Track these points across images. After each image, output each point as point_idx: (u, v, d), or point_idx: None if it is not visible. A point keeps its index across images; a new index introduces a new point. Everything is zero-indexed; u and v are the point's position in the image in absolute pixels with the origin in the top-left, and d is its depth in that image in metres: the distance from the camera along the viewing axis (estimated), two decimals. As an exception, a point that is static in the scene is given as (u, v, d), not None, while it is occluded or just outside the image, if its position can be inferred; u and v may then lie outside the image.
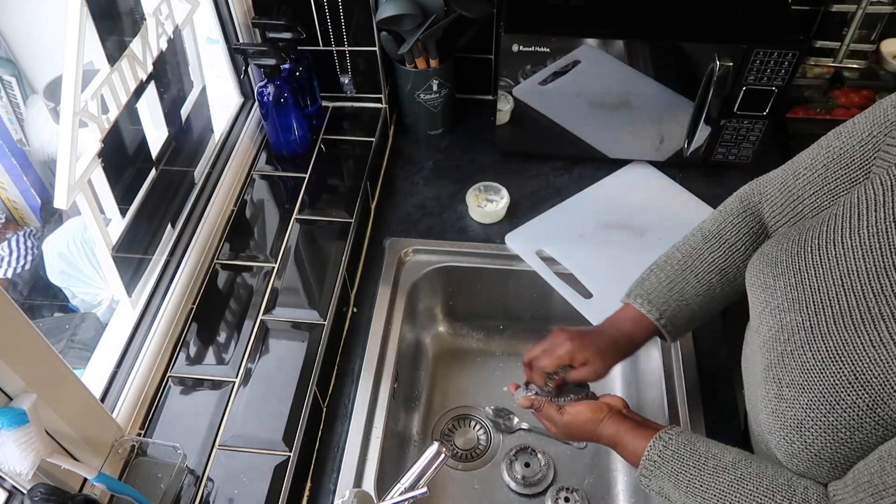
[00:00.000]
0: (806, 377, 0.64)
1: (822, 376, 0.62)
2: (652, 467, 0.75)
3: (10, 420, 0.66)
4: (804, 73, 1.39)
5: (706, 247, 0.87)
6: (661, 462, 0.74)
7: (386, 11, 1.22)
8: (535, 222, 1.27)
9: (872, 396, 0.59)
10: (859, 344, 0.61)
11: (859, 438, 0.60)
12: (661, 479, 0.74)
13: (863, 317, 0.61)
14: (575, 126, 1.31)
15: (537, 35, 1.17)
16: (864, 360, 0.60)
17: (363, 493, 0.90)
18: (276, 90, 1.22)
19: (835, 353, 0.62)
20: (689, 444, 0.74)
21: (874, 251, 0.62)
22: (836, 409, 0.61)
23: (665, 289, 0.88)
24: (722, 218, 0.88)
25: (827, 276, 0.66)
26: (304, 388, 0.97)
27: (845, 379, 0.60)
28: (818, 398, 0.62)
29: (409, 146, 1.46)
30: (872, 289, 0.61)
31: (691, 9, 1.20)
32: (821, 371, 0.63)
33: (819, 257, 0.67)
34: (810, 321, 0.65)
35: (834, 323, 0.63)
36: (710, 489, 0.70)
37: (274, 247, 1.16)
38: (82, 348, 1.49)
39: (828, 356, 0.62)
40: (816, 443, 0.63)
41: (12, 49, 1.75)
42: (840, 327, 0.63)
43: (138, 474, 0.87)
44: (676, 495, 0.73)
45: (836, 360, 0.62)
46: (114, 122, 0.92)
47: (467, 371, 1.32)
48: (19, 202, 1.82)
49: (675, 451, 0.74)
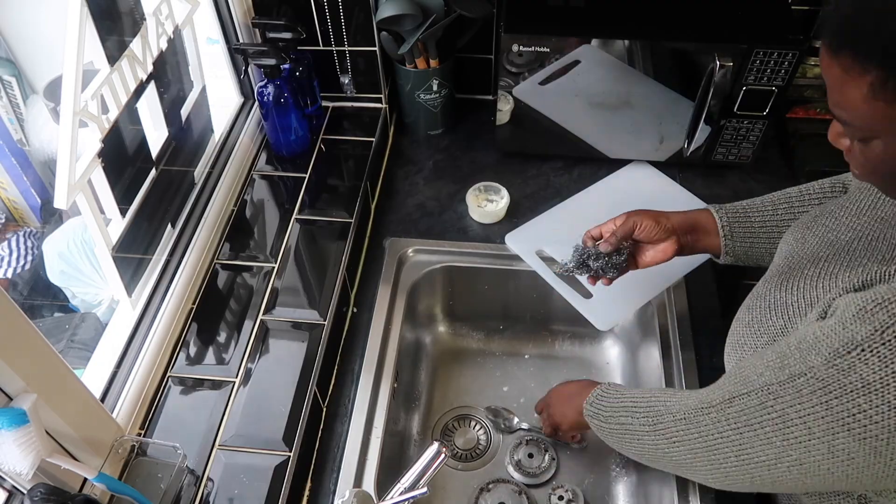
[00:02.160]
0: (753, 301, 0.81)
1: (762, 300, 0.79)
2: (590, 409, 0.93)
3: (10, 420, 0.66)
4: (804, 73, 1.39)
5: (789, 190, 0.96)
6: (596, 401, 0.92)
7: (386, 11, 1.22)
8: (535, 222, 1.27)
9: (786, 319, 0.73)
10: (798, 277, 0.75)
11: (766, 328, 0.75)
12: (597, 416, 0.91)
13: (818, 262, 0.75)
14: (575, 126, 1.31)
15: (537, 35, 1.17)
16: (794, 289, 0.75)
17: (363, 493, 0.90)
18: (276, 90, 1.22)
19: (779, 285, 0.77)
20: (614, 387, 0.92)
21: (851, 215, 0.77)
22: (761, 329, 0.76)
23: (738, 205, 0.97)
24: (818, 181, 0.95)
25: (817, 233, 0.80)
26: (304, 388, 0.97)
27: (775, 304, 0.76)
28: (755, 319, 0.78)
29: (409, 146, 1.46)
30: (839, 241, 0.76)
31: (691, 9, 1.20)
32: (763, 296, 0.79)
33: (824, 221, 0.80)
34: (784, 264, 0.81)
35: (797, 266, 0.78)
36: None
37: (274, 247, 1.16)
38: (82, 348, 1.49)
39: (774, 286, 0.78)
40: (744, 359, 0.76)
41: (12, 49, 1.75)
42: (795, 268, 0.78)
43: (138, 474, 0.87)
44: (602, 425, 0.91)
45: (778, 289, 0.77)
46: (114, 122, 0.92)
47: (467, 371, 1.32)
48: (19, 202, 1.82)
49: (605, 391, 0.92)
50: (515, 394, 1.28)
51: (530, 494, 1.13)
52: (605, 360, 1.31)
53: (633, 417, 0.84)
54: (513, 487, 1.13)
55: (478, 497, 1.13)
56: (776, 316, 0.75)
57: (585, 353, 1.33)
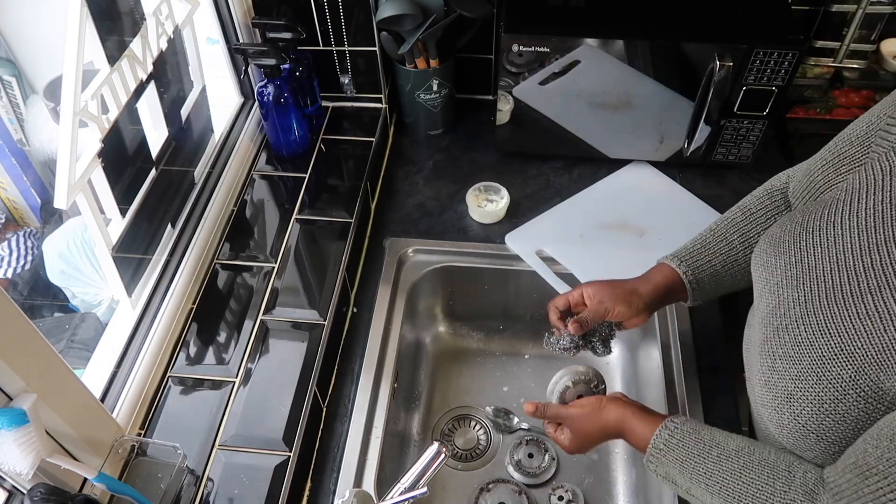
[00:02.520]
0: (797, 350, 0.66)
1: (812, 349, 0.65)
2: (658, 454, 0.77)
3: (10, 420, 0.66)
4: (804, 73, 1.39)
5: (730, 215, 0.94)
6: (667, 450, 0.77)
7: (386, 11, 1.22)
8: (535, 222, 1.27)
9: (855, 367, 0.61)
10: (846, 317, 0.63)
11: (842, 410, 0.62)
12: (667, 466, 0.77)
13: (852, 291, 0.63)
14: (575, 126, 1.31)
15: (537, 35, 1.17)
16: (849, 332, 0.62)
17: (363, 493, 0.90)
18: (276, 90, 1.22)
19: (824, 326, 0.64)
20: (693, 433, 0.76)
21: (869, 230, 0.64)
22: (822, 381, 0.63)
23: (692, 247, 0.94)
24: (751, 195, 0.94)
25: (824, 255, 0.68)
26: (304, 388, 0.97)
27: (832, 351, 0.63)
28: (807, 369, 0.65)
29: (409, 146, 1.46)
30: (864, 264, 0.63)
31: (691, 9, 1.20)
32: (811, 344, 0.65)
33: (818, 237, 0.69)
34: (805, 297, 0.68)
35: (826, 298, 0.66)
36: (713, 476, 0.72)
37: (274, 247, 1.16)
38: (82, 348, 1.49)
39: (818, 329, 0.65)
40: (804, 413, 0.65)
41: (12, 49, 1.75)
42: (831, 302, 0.65)
43: (138, 474, 0.87)
44: (682, 481, 0.75)
45: (825, 333, 0.64)
46: (114, 122, 0.92)
47: (467, 371, 1.32)
48: (19, 202, 1.82)
49: (681, 440, 0.76)
50: (515, 394, 1.28)
51: (530, 494, 1.13)
52: (605, 360, 1.31)
53: None
54: (513, 487, 1.13)
55: (478, 497, 1.13)
56: (841, 365, 0.62)
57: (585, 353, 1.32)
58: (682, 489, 0.76)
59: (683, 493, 0.77)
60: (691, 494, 0.76)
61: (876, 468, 0.56)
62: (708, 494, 0.73)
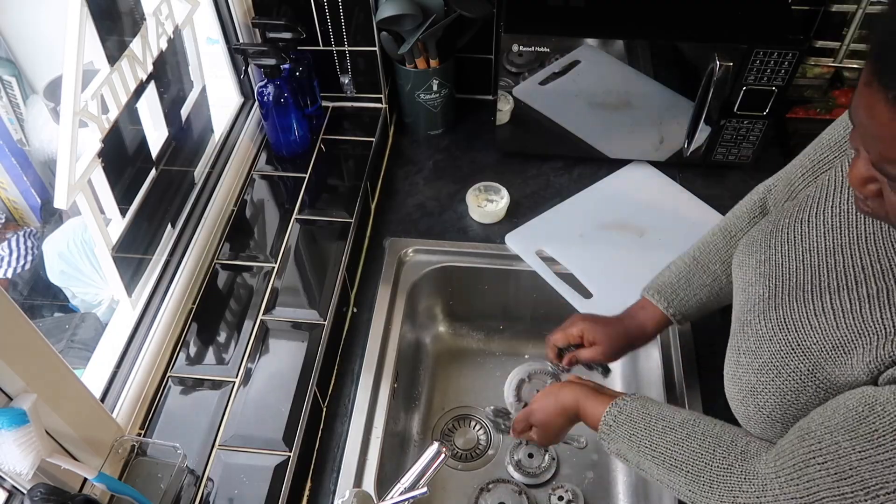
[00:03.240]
0: (759, 344, 0.69)
1: (772, 343, 0.67)
2: (609, 431, 0.79)
3: (10, 420, 0.66)
4: (804, 73, 1.39)
5: (713, 240, 0.93)
6: (616, 426, 0.79)
7: (386, 11, 1.22)
8: (535, 222, 1.27)
9: (812, 362, 0.63)
10: (804, 314, 0.65)
11: (804, 401, 0.64)
12: (618, 442, 0.79)
13: (813, 289, 0.66)
14: (575, 126, 1.31)
15: (537, 35, 1.17)
16: (806, 328, 0.64)
17: (363, 493, 0.90)
18: (276, 90, 1.22)
19: (784, 322, 0.67)
20: (641, 408, 0.79)
21: (835, 231, 0.66)
22: (781, 374, 0.65)
23: (676, 282, 0.94)
24: (732, 212, 0.94)
25: (791, 253, 0.70)
26: (304, 388, 0.97)
27: (789, 346, 0.65)
28: (767, 363, 0.67)
29: (409, 146, 1.46)
30: (828, 265, 0.66)
31: (691, 9, 1.20)
32: (770, 339, 0.67)
33: (787, 235, 0.71)
34: (770, 293, 0.70)
35: (788, 295, 0.68)
36: (658, 448, 0.74)
37: (274, 247, 1.16)
38: (82, 348, 1.49)
39: (777, 325, 0.67)
40: (767, 405, 0.67)
41: (12, 49, 1.75)
42: (792, 299, 0.67)
43: (138, 474, 0.87)
44: (631, 455, 0.77)
45: (784, 328, 0.66)
46: (114, 122, 0.92)
47: (467, 371, 1.32)
48: (19, 202, 1.82)
49: (629, 416, 0.78)
50: (515, 394, 1.28)
51: (530, 494, 1.13)
52: (605, 360, 1.32)
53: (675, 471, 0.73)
54: (513, 487, 1.13)
55: (478, 497, 1.13)
56: (799, 359, 0.64)
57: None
58: (633, 464, 0.78)
59: (635, 468, 0.78)
60: (641, 469, 0.77)
61: (815, 433, 0.60)
62: (654, 466, 0.75)
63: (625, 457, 0.79)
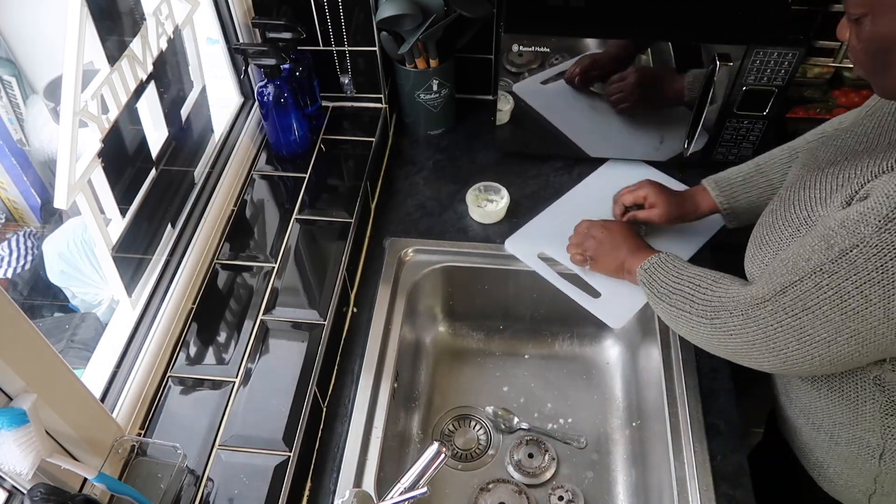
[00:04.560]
0: (776, 204, 0.87)
1: (784, 201, 0.85)
2: (644, 275, 0.99)
3: (10, 420, 0.66)
4: (804, 73, 1.39)
5: (778, 153, 1.06)
6: (651, 270, 0.98)
7: (386, 11, 1.22)
8: (533, 224, 1.27)
9: (807, 213, 0.79)
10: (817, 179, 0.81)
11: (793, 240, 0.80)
12: (648, 279, 0.97)
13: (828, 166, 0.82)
14: (575, 126, 1.31)
15: (537, 35, 1.17)
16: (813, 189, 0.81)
17: (363, 493, 0.90)
18: (276, 90, 1.22)
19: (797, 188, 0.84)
20: (670, 262, 0.96)
21: (864, 122, 0.83)
22: (788, 222, 0.82)
23: (734, 179, 1.09)
24: (802, 136, 1.04)
25: (823, 153, 0.86)
26: (304, 388, 0.97)
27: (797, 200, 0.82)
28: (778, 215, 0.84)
29: (409, 146, 1.46)
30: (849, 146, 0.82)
31: (691, 9, 1.20)
32: (785, 198, 0.85)
33: (831, 141, 0.86)
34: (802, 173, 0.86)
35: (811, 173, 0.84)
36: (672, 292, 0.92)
37: (274, 247, 1.16)
38: (82, 348, 1.49)
39: (796, 189, 0.84)
40: (770, 252, 0.83)
41: (12, 49, 1.75)
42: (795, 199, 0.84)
43: (138, 474, 0.87)
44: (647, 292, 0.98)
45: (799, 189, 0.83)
46: (114, 122, 0.92)
47: (467, 371, 1.32)
48: (19, 202, 1.82)
49: (659, 267, 0.97)
50: (515, 394, 1.28)
51: (530, 494, 1.13)
52: (605, 360, 1.31)
53: (691, 305, 0.87)
54: (513, 487, 1.13)
55: (478, 497, 1.13)
56: (799, 209, 0.80)
57: (585, 353, 1.33)
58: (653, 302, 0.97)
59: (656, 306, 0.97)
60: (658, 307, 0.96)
61: (796, 251, 0.75)
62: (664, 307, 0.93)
63: (650, 295, 0.97)
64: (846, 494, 0.95)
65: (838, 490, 0.95)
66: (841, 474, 0.93)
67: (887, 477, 0.87)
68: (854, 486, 0.92)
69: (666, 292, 0.93)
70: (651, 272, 0.97)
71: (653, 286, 0.96)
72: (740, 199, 1.08)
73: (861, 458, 0.88)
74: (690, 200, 1.13)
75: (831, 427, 0.89)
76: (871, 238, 0.66)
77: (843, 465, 0.91)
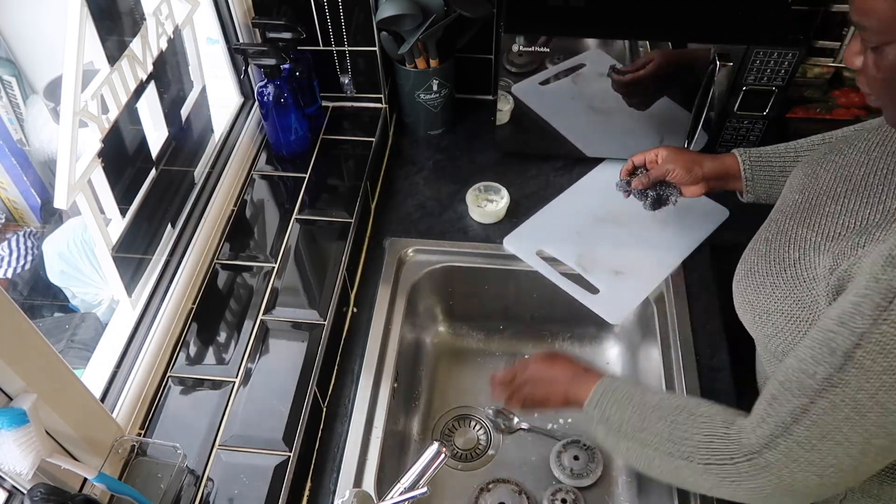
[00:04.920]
0: (771, 233, 0.83)
1: (781, 233, 0.81)
2: (596, 412, 0.82)
3: (10, 420, 0.66)
4: (804, 73, 1.39)
5: (816, 137, 1.02)
6: (597, 403, 0.82)
7: (386, 11, 1.22)
8: (531, 223, 1.27)
9: (799, 255, 0.76)
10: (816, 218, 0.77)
11: (779, 293, 0.76)
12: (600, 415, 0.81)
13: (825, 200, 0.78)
14: (575, 126, 1.31)
15: (537, 35, 1.17)
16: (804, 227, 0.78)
17: (363, 493, 0.90)
18: (276, 90, 1.22)
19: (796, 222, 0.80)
20: (624, 387, 0.82)
21: (868, 152, 0.79)
22: (780, 255, 0.78)
23: (767, 156, 1.04)
24: (842, 129, 1.00)
25: (829, 170, 0.82)
26: (304, 388, 0.97)
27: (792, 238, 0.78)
28: (773, 248, 0.80)
29: (409, 146, 1.46)
30: (845, 179, 0.78)
31: (691, 9, 1.20)
32: (781, 230, 0.81)
33: (834, 157, 0.83)
34: (801, 200, 0.83)
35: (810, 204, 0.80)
36: (637, 427, 0.77)
37: (274, 247, 1.16)
38: (82, 348, 1.49)
39: (795, 223, 0.80)
40: (752, 285, 0.81)
41: (12, 49, 1.75)
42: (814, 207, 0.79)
43: (138, 474, 0.87)
44: (610, 436, 0.81)
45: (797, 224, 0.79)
46: (114, 122, 0.92)
47: (467, 371, 1.32)
48: (19, 202, 1.82)
49: (612, 393, 0.82)
50: (515, 394, 1.28)
51: (530, 494, 1.13)
52: (605, 361, 1.31)
53: (672, 446, 0.73)
54: (512, 487, 1.13)
55: (478, 497, 1.13)
56: (793, 248, 0.77)
57: (585, 353, 1.33)
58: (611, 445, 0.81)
59: (615, 449, 0.83)
60: (620, 451, 0.80)
61: (796, 366, 0.66)
62: (634, 446, 0.77)
63: (606, 435, 0.81)
64: None
65: None
66: None
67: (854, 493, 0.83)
68: None
69: (630, 431, 0.77)
70: (603, 407, 0.80)
71: (610, 424, 0.79)
72: (766, 172, 1.03)
73: None
74: (716, 161, 1.06)
75: None
76: (871, 334, 0.59)
77: None
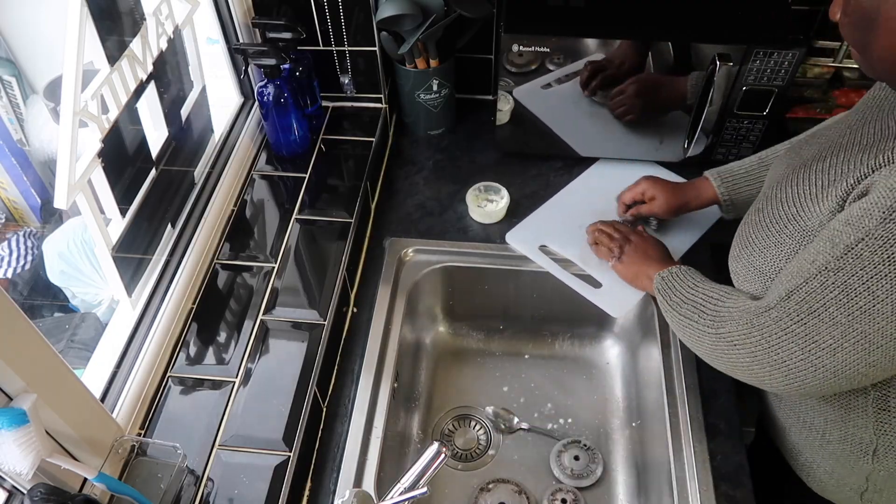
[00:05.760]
0: (762, 203, 0.87)
1: (769, 199, 0.85)
2: (660, 283, 0.99)
3: (10, 420, 0.66)
4: (804, 73, 1.39)
5: (780, 146, 1.07)
6: (668, 279, 0.98)
7: (386, 11, 1.22)
8: (533, 218, 1.27)
9: (796, 210, 0.79)
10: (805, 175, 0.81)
11: (785, 251, 0.79)
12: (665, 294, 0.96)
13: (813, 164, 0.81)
14: (575, 126, 1.31)
15: (537, 35, 1.17)
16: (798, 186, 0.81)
17: (363, 493, 0.90)
18: (276, 90, 1.22)
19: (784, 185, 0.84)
20: (689, 273, 0.97)
21: (850, 116, 0.83)
22: (772, 223, 0.82)
23: (737, 171, 1.10)
24: (805, 132, 1.04)
25: (808, 149, 0.86)
26: (304, 388, 0.97)
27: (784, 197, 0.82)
28: (765, 214, 0.84)
29: (409, 146, 1.46)
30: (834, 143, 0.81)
31: (691, 9, 1.20)
32: (770, 197, 0.85)
33: (816, 138, 0.87)
34: (787, 171, 0.86)
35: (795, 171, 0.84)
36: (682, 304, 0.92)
37: (274, 247, 1.16)
38: (82, 348, 1.49)
39: (783, 185, 0.84)
40: (754, 254, 0.84)
41: (12, 49, 1.75)
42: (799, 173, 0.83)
43: (138, 474, 0.87)
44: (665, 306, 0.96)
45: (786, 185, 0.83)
46: (114, 122, 0.92)
47: (467, 371, 1.32)
48: (19, 202, 1.82)
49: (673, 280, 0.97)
50: (515, 394, 1.28)
51: (530, 494, 1.13)
52: (605, 361, 1.31)
53: (700, 315, 0.87)
54: (512, 487, 1.13)
55: (478, 497, 1.13)
56: (787, 205, 0.80)
57: (585, 353, 1.33)
58: None
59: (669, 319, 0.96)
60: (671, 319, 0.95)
61: (801, 256, 0.74)
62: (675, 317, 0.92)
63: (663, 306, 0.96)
64: (837, 494, 0.95)
65: (829, 490, 0.95)
66: (832, 473, 0.92)
67: (880, 474, 0.87)
68: (846, 485, 0.92)
69: (678, 301, 0.93)
70: (668, 281, 0.97)
71: (667, 294, 0.96)
72: (741, 191, 1.09)
73: (854, 455, 0.87)
74: (692, 189, 1.15)
75: (823, 425, 0.88)
76: (875, 230, 0.65)
77: (834, 463, 0.91)
